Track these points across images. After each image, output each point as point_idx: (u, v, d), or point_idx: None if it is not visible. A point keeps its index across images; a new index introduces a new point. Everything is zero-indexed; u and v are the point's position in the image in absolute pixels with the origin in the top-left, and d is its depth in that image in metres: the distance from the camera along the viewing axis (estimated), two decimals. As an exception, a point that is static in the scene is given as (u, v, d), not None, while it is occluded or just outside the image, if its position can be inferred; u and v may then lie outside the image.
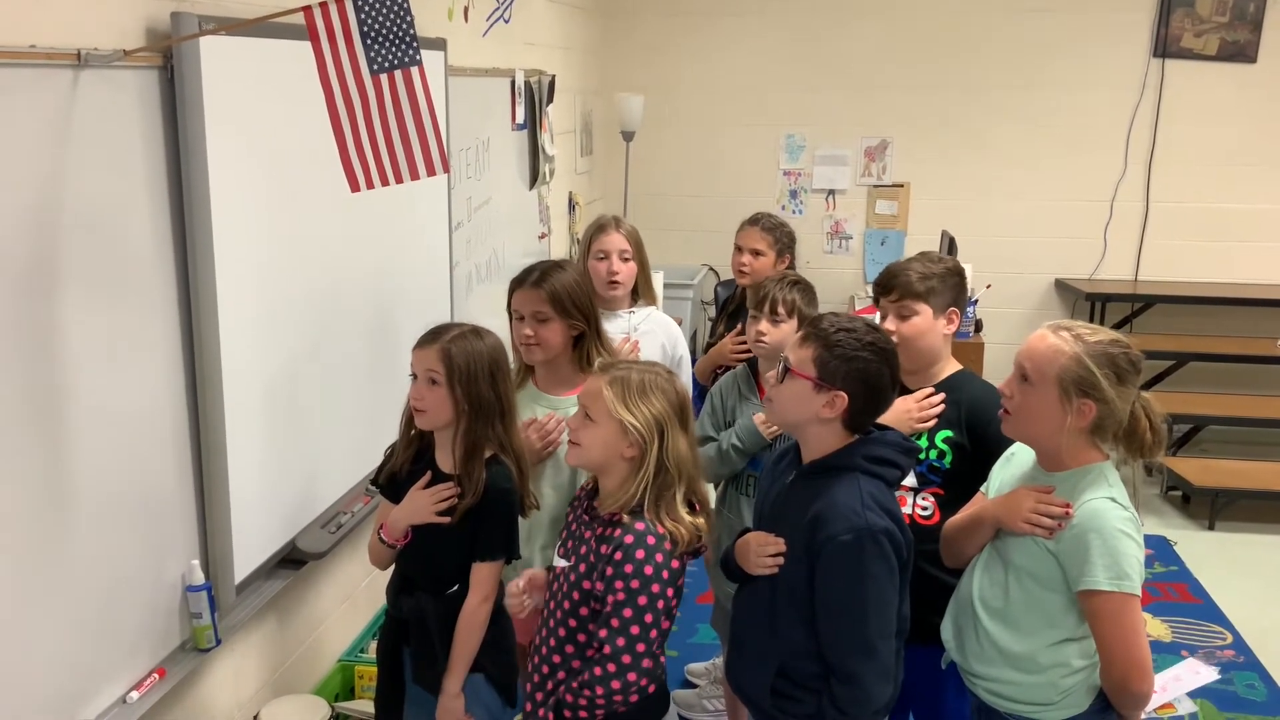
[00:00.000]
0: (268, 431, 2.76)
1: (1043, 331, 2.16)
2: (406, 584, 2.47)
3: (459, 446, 2.37)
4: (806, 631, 2.14)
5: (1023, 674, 2.19)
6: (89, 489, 2.18)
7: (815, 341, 2.16)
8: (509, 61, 4.74)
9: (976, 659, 2.25)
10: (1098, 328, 2.18)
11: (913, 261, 2.68)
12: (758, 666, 2.22)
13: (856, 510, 2.09)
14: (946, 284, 2.64)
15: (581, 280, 2.75)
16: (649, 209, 6.53)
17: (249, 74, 2.56)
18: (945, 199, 6.56)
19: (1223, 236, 6.36)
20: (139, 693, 2.35)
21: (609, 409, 2.15)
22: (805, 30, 6.53)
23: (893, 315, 2.61)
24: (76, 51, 2.06)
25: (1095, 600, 2.08)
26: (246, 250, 2.58)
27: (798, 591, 2.14)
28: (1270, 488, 5.41)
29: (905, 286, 2.60)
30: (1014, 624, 2.19)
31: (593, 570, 2.15)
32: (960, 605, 2.33)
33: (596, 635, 2.14)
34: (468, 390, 2.34)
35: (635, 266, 3.27)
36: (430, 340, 2.38)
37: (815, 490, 2.15)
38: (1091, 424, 2.11)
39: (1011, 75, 6.36)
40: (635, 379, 2.18)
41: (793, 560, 2.16)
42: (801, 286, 2.94)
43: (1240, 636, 4.28)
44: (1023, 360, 2.16)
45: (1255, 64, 6.17)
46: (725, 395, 3.04)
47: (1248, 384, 6.26)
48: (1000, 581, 2.22)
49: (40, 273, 2.02)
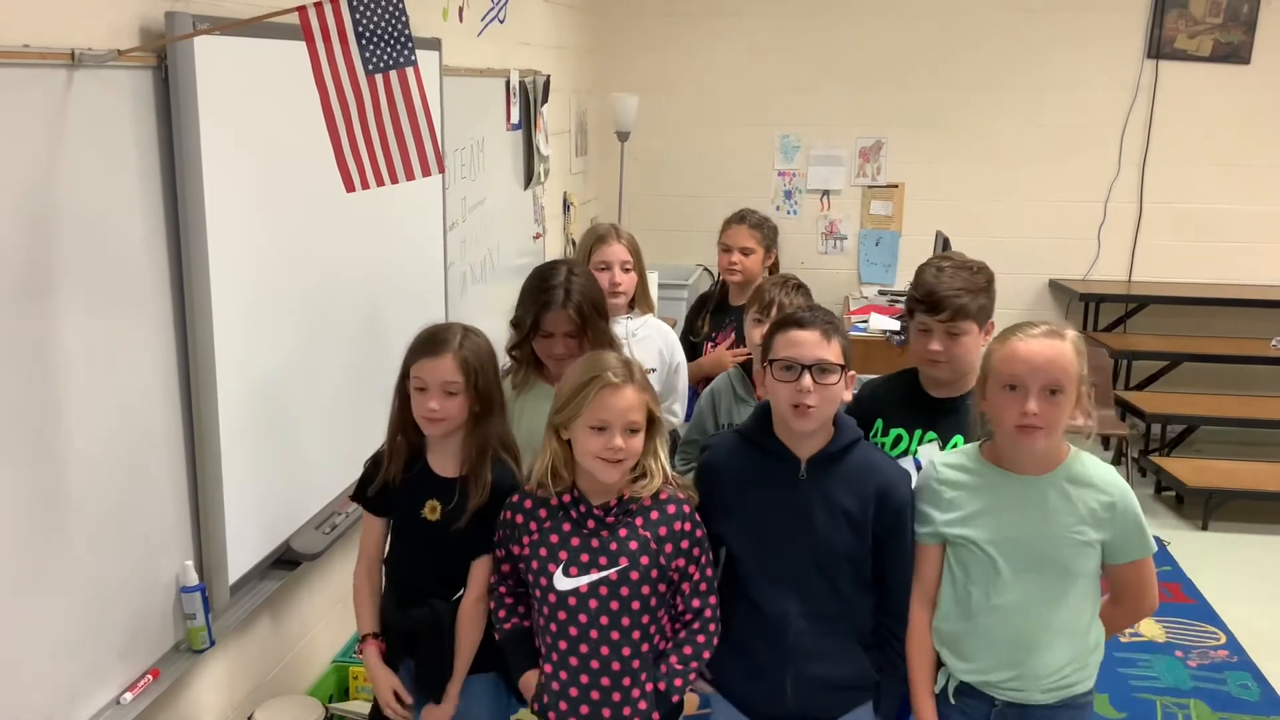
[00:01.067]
0: (261, 432, 2.76)
1: (1044, 341, 2.13)
2: (412, 595, 2.43)
3: (468, 448, 2.35)
4: (866, 596, 2.30)
5: (1080, 653, 2.24)
6: (82, 490, 2.17)
7: (837, 334, 2.26)
8: (504, 61, 4.73)
9: (1037, 677, 2.22)
10: (1050, 321, 2.24)
11: (956, 274, 2.55)
12: (843, 658, 2.29)
13: (898, 468, 2.35)
14: (990, 297, 2.58)
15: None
16: (644, 209, 6.53)
17: (244, 74, 2.55)
18: (940, 199, 6.57)
19: (1216, 237, 6.38)
20: (133, 694, 2.34)
21: (652, 410, 2.20)
22: (800, 30, 6.53)
23: (941, 334, 2.51)
24: (70, 51, 2.06)
25: (1146, 563, 2.22)
26: (240, 251, 2.58)
27: (862, 561, 2.26)
28: (1264, 488, 5.42)
29: (960, 310, 2.49)
30: (1072, 624, 2.22)
31: (659, 555, 2.18)
32: (1010, 644, 2.22)
33: (689, 606, 2.24)
34: (481, 392, 2.33)
35: (635, 276, 3.28)
36: (439, 349, 2.32)
37: (846, 471, 2.25)
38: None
39: (1006, 76, 6.37)
40: (639, 370, 2.23)
41: (853, 537, 2.24)
42: (803, 290, 2.96)
43: (1234, 637, 4.29)
44: (1055, 376, 2.11)
45: (1249, 65, 6.18)
46: (719, 399, 3.02)
47: (1241, 384, 6.28)
48: (1055, 595, 2.19)
49: (33, 274, 2.01)
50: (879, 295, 6.48)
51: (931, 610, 2.30)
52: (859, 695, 2.32)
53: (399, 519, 2.46)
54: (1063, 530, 2.17)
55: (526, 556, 2.24)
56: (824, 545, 2.23)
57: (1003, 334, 2.22)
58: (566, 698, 2.21)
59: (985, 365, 2.22)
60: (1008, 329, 2.22)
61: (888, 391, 2.68)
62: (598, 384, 2.15)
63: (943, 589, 2.28)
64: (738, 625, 2.30)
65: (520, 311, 2.78)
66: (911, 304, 2.59)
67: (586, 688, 2.19)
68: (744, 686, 2.33)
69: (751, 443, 2.31)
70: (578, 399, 2.16)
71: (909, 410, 2.61)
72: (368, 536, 2.50)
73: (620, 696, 2.19)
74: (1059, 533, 2.17)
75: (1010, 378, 2.14)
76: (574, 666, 2.20)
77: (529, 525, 2.24)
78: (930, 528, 2.27)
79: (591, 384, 2.16)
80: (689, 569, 2.22)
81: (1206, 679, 3.98)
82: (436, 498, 2.38)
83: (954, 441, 2.53)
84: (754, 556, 2.27)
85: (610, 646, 2.18)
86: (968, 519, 2.22)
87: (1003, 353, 2.17)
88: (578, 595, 2.17)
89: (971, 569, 2.23)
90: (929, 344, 2.52)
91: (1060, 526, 2.17)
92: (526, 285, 2.80)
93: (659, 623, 2.24)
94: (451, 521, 2.35)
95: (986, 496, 2.22)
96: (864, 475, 2.26)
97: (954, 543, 2.25)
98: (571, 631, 2.19)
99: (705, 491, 2.33)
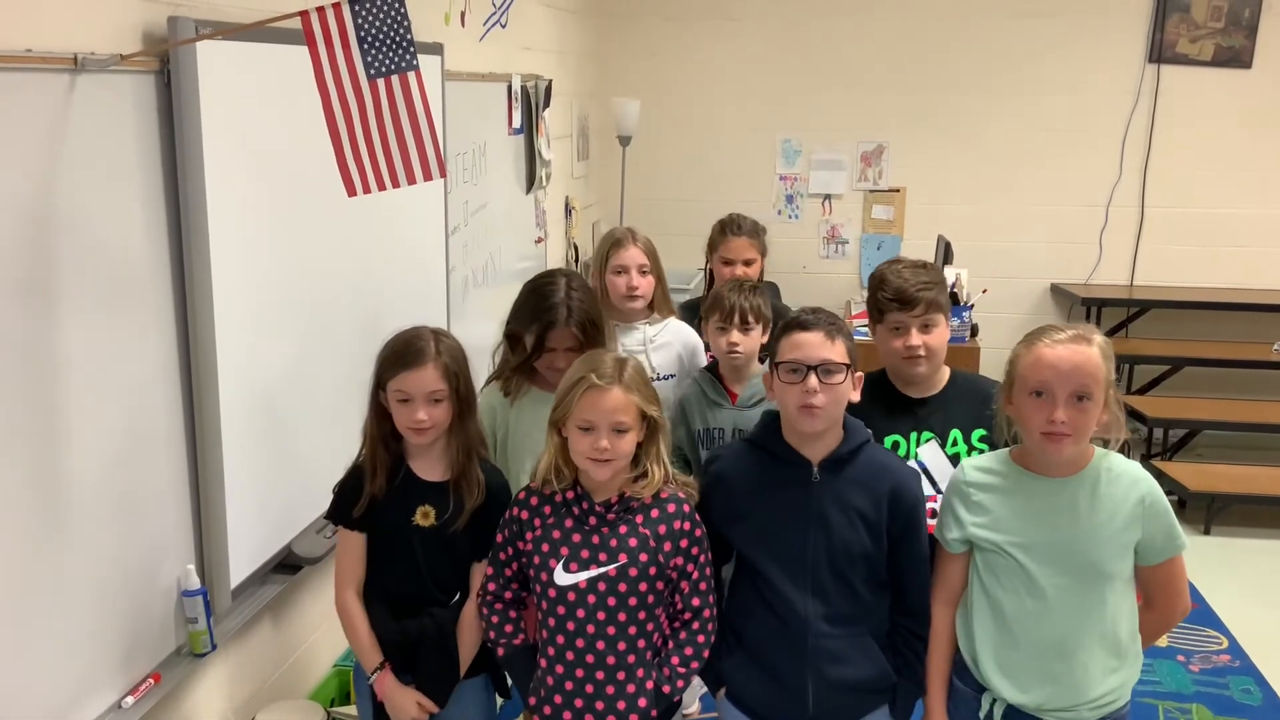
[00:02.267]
0: (263, 436, 2.76)
1: (1071, 347, 2.11)
2: (406, 606, 2.38)
3: (454, 450, 2.35)
4: (883, 597, 2.31)
5: (1123, 662, 2.22)
6: (85, 494, 2.17)
7: (840, 334, 2.26)
8: (505, 66, 4.74)
9: (1080, 692, 2.19)
10: (1076, 324, 2.22)
11: (915, 272, 2.61)
12: (864, 660, 2.29)
13: (908, 468, 2.37)
14: (946, 291, 2.66)
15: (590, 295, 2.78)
16: (645, 213, 6.52)
17: (246, 79, 2.56)
18: (941, 203, 6.57)
19: (1218, 241, 6.37)
20: (134, 698, 2.34)
21: (640, 410, 2.20)
22: (802, 34, 6.53)
23: (915, 329, 2.56)
24: (73, 56, 2.06)
25: (1178, 561, 2.21)
26: (242, 255, 2.58)
27: (877, 562, 2.27)
28: (1266, 492, 5.41)
29: (932, 302, 2.56)
30: (1111, 632, 2.19)
31: (658, 553, 2.19)
32: (1048, 652, 2.20)
33: (689, 605, 2.25)
34: (463, 394, 2.34)
35: (653, 279, 3.26)
36: (419, 360, 2.29)
37: (857, 472, 2.25)
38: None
39: (1007, 80, 6.37)
40: (630, 371, 2.22)
41: (869, 536, 2.24)
42: (760, 290, 2.99)
43: (1236, 641, 4.29)
44: (1084, 382, 2.10)
45: (1250, 69, 6.18)
46: (690, 407, 2.97)
47: (1243, 389, 6.27)
48: (1091, 600, 2.18)
49: (36, 278, 2.02)
50: (881, 299, 6.48)
51: (954, 610, 2.31)
52: (877, 698, 2.32)
53: (387, 531, 2.38)
54: (1095, 531, 2.15)
55: (529, 552, 2.25)
56: (841, 547, 2.24)
57: (1028, 338, 2.20)
58: (562, 691, 2.22)
59: (1011, 370, 2.21)
60: (1033, 333, 2.20)
61: (865, 397, 2.66)
62: (583, 385, 2.17)
63: (976, 605, 2.26)
64: (756, 632, 2.29)
65: (517, 325, 2.73)
66: (881, 305, 2.62)
67: (581, 682, 2.21)
68: (762, 694, 2.30)
69: (762, 449, 2.32)
70: (566, 399, 2.20)
71: (895, 416, 2.62)
72: (349, 556, 2.40)
73: (614, 690, 2.20)
74: (1092, 534, 2.15)
75: (1038, 384, 2.13)
76: (570, 661, 2.21)
77: (533, 521, 2.25)
78: (959, 531, 2.26)
79: (578, 385, 2.18)
80: (688, 567, 2.23)
81: (1209, 684, 3.98)
82: (429, 503, 2.35)
83: (952, 437, 2.55)
84: (771, 562, 2.27)
85: (606, 642, 2.19)
86: (996, 523, 2.22)
87: (1029, 358, 2.16)
88: (576, 591, 2.19)
89: (1003, 577, 2.21)
90: (908, 340, 2.56)
91: (1093, 527, 2.16)
92: (524, 301, 2.75)
93: (657, 621, 2.24)
94: (447, 525, 2.34)
95: (1016, 500, 2.21)
96: (876, 476, 2.27)
97: (983, 548, 2.23)
98: (569, 626, 2.20)
99: (717, 502, 2.32)
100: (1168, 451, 6.03)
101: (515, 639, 2.32)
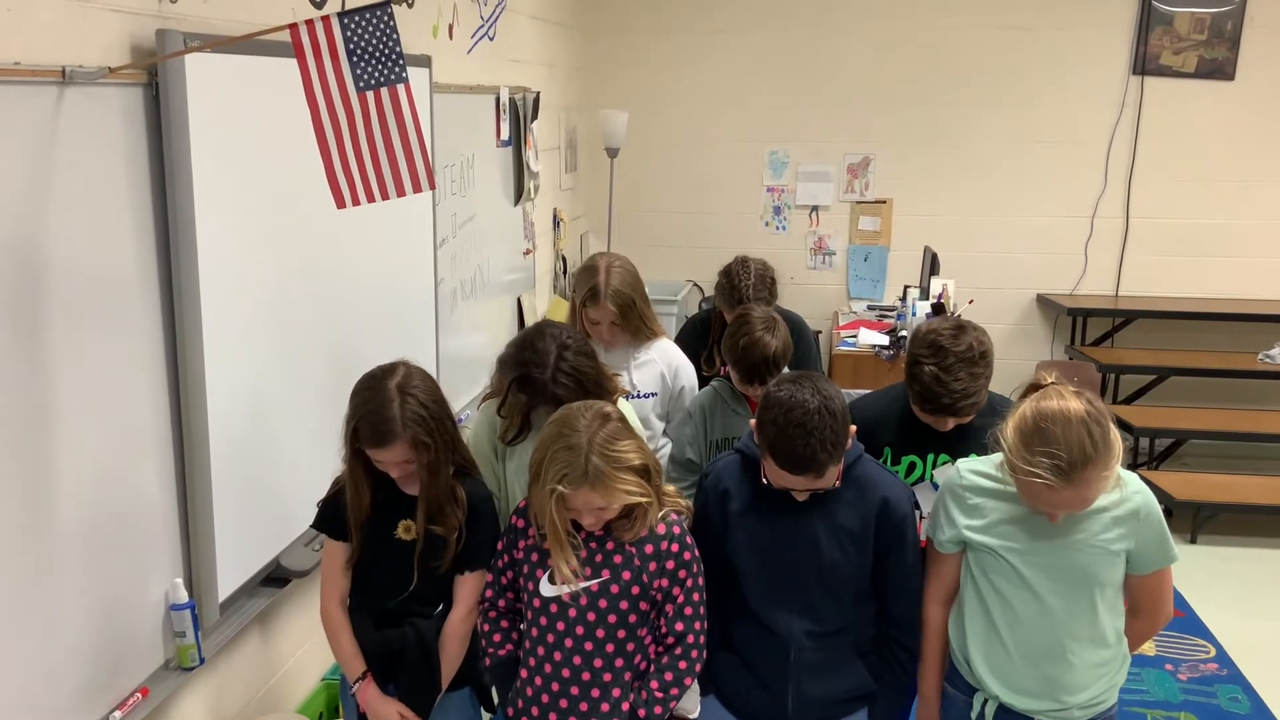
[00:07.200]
0: (251, 449, 2.75)
1: (1072, 492, 2.06)
2: (387, 617, 2.39)
3: (434, 485, 2.31)
4: (867, 607, 2.34)
5: (1112, 664, 2.25)
6: (72, 507, 2.16)
7: (831, 463, 2.19)
8: (493, 78, 4.75)
9: (1071, 694, 2.22)
10: (1064, 390, 2.12)
11: (958, 371, 2.47)
12: (845, 672, 2.33)
13: (898, 482, 2.39)
14: (989, 375, 2.55)
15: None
16: (633, 225, 6.54)
17: (234, 91, 2.56)
18: (927, 215, 6.60)
19: (1202, 252, 6.42)
20: (122, 712, 2.33)
21: (617, 499, 2.14)
22: (789, 47, 6.56)
23: (952, 421, 2.55)
24: (61, 69, 2.06)
25: (1166, 572, 2.23)
26: (230, 267, 2.58)
27: (864, 576, 2.30)
28: (1252, 501, 5.44)
29: (972, 407, 2.52)
30: (1101, 636, 2.22)
31: (642, 572, 2.18)
32: (1039, 657, 2.22)
33: (672, 629, 2.22)
34: (439, 440, 2.29)
35: (627, 329, 3.25)
36: (385, 440, 2.24)
37: (847, 489, 2.26)
38: None
39: (993, 92, 6.41)
40: (596, 466, 2.09)
41: (857, 554, 2.27)
42: (779, 328, 2.99)
43: (1223, 650, 4.31)
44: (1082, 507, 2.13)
45: (1233, 81, 6.23)
46: (710, 413, 3.01)
47: (1228, 398, 6.31)
48: (1082, 605, 2.20)
49: (23, 291, 2.01)
50: (868, 310, 6.51)
51: (948, 608, 2.34)
52: (855, 704, 2.36)
53: (369, 543, 2.39)
54: (1088, 539, 2.17)
55: (520, 561, 2.27)
56: (828, 566, 2.26)
57: (1024, 436, 2.07)
58: (539, 703, 2.23)
59: (1008, 455, 2.12)
60: (1030, 434, 2.07)
61: (884, 414, 2.67)
62: (552, 495, 2.12)
63: (968, 606, 2.29)
64: (743, 640, 2.36)
65: (504, 383, 2.58)
66: (923, 395, 2.52)
67: (556, 695, 2.22)
68: (746, 695, 2.38)
69: (755, 464, 2.32)
70: (539, 496, 2.15)
71: (914, 436, 2.62)
72: (333, 565, 2.41)
73: (588, 708, 2.20)
74: (1085, 542, 2.17)
75: (1035, 502, 2.14)
76: (547, 673, 2.22)
77: (528, 530, 2.27)
78: (953, 531, 2.27)
79: (549, 493, 2.12)
80: (673, 590, 2.22)
81: (1196, 692, 3.99)
82: (411, 517, 2.35)
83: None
84: (759, 576, 2.31)
85: (583, 656, 2.20)
86: (990, 527, 2.23)
87: (1025, 488, 2.10)
88: (559, 603, 2.20)
89: (996, 580, 2.23)
90: (943, 427, 2.56)
91: (1086, 536, 2.17)
92: (513, 370, 2.54)
93: (639, 642, 2.24)
94: (428, 540, 2.34)
95: (1010, 506, 2.22)
96: (866, 491, 2.28)
97: (976, 549, 2.25)
98: (549, 638, 2.21)
99: (713, 514, 2.35)
100: (1154, 461, 6.07)
101: (502, 650, 2.32)
